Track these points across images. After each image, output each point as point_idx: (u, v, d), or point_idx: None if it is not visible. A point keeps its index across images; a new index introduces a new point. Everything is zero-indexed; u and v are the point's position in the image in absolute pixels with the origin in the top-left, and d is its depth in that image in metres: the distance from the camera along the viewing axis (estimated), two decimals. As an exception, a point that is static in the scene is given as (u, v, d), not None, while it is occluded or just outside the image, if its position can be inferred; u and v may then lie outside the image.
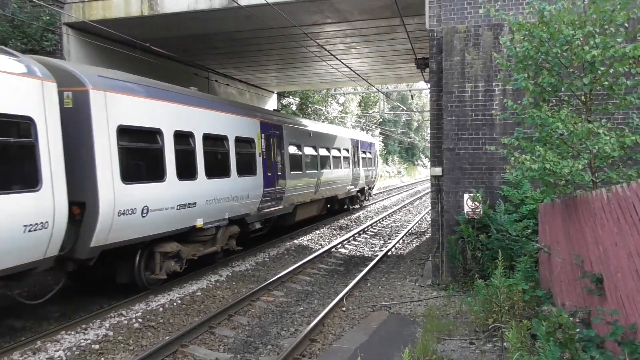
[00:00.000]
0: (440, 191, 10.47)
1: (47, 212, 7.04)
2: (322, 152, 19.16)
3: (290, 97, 32.75)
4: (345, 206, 24.01)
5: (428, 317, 8.07)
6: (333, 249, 15.13)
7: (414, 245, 16.08)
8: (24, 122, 6.91)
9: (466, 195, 9.90)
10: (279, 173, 14.83)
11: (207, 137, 11.06)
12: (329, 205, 21.78)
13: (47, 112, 7.19)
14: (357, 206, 25.46)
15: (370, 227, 19.89)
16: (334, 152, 20.64)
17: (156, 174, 9.48)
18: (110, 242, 8.48)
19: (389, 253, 14.70)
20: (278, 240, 16.03)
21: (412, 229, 19.52)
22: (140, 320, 8.39)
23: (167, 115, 9.75)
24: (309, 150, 17.74)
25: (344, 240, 16.35)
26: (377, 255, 14.05)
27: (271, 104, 26.84)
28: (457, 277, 10.01)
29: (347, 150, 22.68)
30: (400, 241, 16.73)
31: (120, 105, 8.63)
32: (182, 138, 10.22)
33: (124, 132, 8.73)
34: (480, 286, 7.62)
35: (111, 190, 8.26)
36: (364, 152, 25.87)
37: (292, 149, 16.15)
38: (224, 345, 7.67)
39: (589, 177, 5.88)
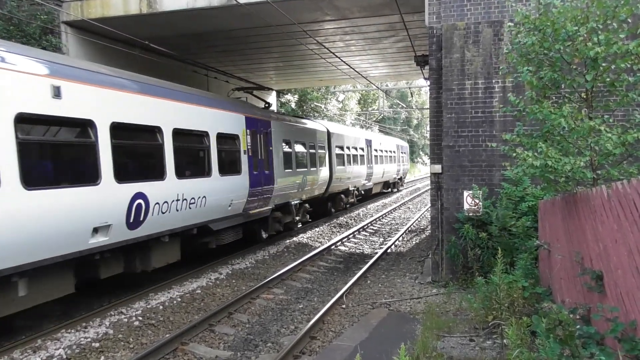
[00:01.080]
0: (439, 188, 10.47)
1: (327, 176, 19.67)
2: (385, 153, 32.08)
3: (289, 94, 32.74)
4: (390, 188, 35.97)
5: (428, 314, 8.07)
6: (333, 247, 15.14)
7: (414, 242, 16.08)
8: (325, 145, 20.02)
9: (466, 193, 9.89)
10: (372, 164, 27.87)
11: (350, 147, 23.89)
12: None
13: (327, 142, 20.33)
14: (395, 190, 37.47)
15: (369, 224, 19.89)
16: (389, 153, 33.73)
17: (343, 162, 22.11)
18: (331, 192, 20.99)
19: (389, 250, 14.70)
20: (278, 238, 16.02)
21: (412, 226, 19.53)
22: (140, 318, 8.39)
23: (351, 140, 23.92)
24: (380, 153, 30.59)
25: (343, 238, 16.35)
26: (376, 253, 14.05)
27: (270, 101, 26.82)
28: (457, 275, 10.02)
29: (394, 152, 35.76)
30: (400, 238, 16.73)
31: (338, 136, 21.76)
32: (353, 149, 24.18)
33: (338, 148, 21.42)
34: (480, 283, 7.62)
35: (333, 170, 20.63)
36: (402, 153, 39.80)
37: (374, 152, 28.88)
38: (224, 343, 7.67)
39: (591, 174, 5.86)
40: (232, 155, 12.41)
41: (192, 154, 10.92)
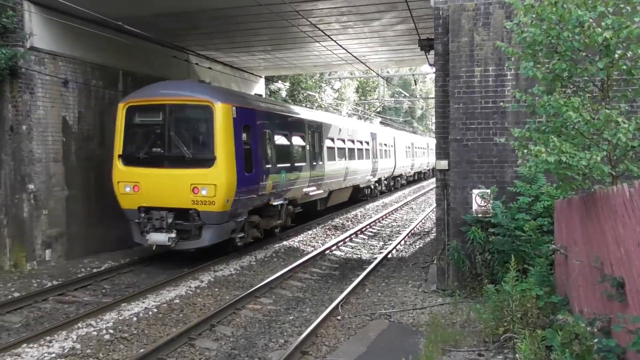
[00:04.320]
0: (446, 187, 10.49)
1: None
2: (429, 151, 49.50)
3: (280, 82, 32.72)
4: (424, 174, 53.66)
5: (432, 326, 8.10)
6: (327, 251, 15.15)
7: (417, 246, 16.13)
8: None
9: (475, 192, 9.91)
10: (417, 157, 44.45)
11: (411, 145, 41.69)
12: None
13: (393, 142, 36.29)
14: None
15: (368, 226, 19.94)
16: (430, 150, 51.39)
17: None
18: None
19: (390, 255, 14.74)
20: (265, 242, 16.01)
21: (415, 228, 19.59)
22: (111, 331, 8.36)
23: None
24: (422, 151, 47.59)
25: (339, 242, 16.38)
26: (376, 258, 14.08)
27: (258, 89, 26.80)
28: (465, 282, 10.04)
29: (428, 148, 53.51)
30: (402, 242, 16.78)
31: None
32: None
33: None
34: (490, 292, 7.65)
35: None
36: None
37: (418, 153, 44.36)
38: (205, 358, 7.67)
39: (608, 169, 5.89)
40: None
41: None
